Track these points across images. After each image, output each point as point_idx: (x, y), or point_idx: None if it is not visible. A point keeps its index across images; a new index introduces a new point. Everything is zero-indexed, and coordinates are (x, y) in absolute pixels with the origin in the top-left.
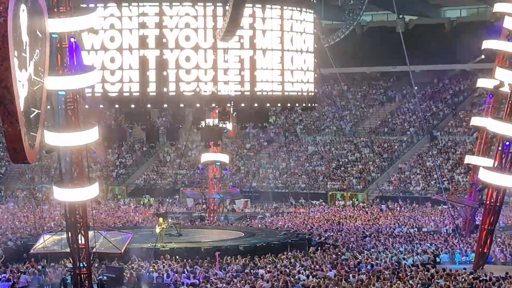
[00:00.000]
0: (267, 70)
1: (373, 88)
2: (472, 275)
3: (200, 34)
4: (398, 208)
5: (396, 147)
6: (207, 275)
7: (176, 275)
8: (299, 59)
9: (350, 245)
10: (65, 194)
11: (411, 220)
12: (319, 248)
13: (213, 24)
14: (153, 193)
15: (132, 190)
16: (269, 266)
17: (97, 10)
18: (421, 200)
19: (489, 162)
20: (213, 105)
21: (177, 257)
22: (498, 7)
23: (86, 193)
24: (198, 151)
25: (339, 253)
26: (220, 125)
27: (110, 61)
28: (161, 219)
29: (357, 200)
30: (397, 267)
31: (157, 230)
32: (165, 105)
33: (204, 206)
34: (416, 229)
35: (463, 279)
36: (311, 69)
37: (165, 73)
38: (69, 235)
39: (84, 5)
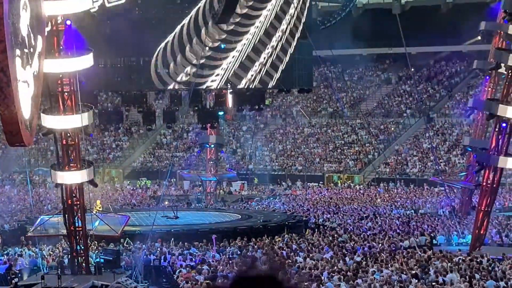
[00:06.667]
0: None
1: (369, 70)
2: (469, 257)
3: None
4: (394, 190)
5: (392, 129)
6: (204, 257)
7: (173, 257)
8: None
9: (347, 227)
10: (62, 177)
11: (408, 202)
12: (316, 230)
13: None
14: (150, 176)
15: (129, 173)
16: (266, 248)
17: None
18: (418, 182)
19: (485, 143)
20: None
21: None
22: None
23: (83, 175)
24: (194, 134)
25: (336, 235)
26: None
27: None
28: (98, 201)
29: (352, 182)
30: (394, 249)
31: (94, 211)
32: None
33: (201, 188)
34: (413, 211)
35: (459, 261)
36: None
37: None
38: (66, 217)
39: None
